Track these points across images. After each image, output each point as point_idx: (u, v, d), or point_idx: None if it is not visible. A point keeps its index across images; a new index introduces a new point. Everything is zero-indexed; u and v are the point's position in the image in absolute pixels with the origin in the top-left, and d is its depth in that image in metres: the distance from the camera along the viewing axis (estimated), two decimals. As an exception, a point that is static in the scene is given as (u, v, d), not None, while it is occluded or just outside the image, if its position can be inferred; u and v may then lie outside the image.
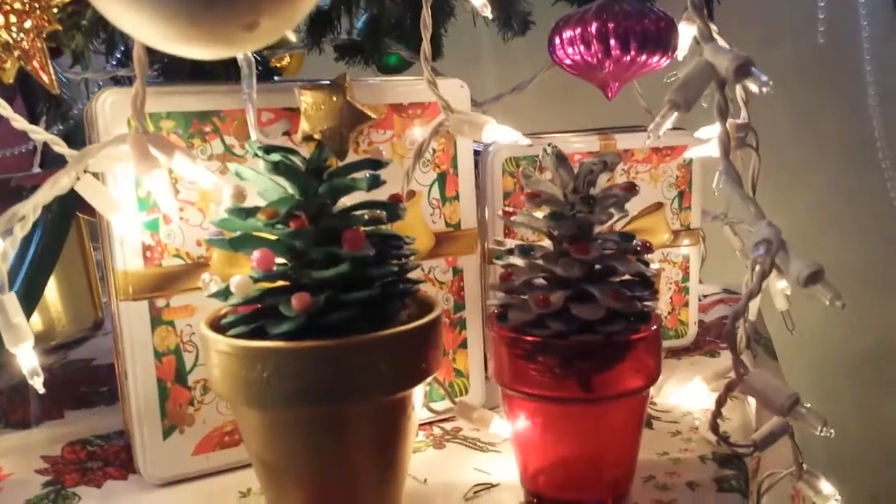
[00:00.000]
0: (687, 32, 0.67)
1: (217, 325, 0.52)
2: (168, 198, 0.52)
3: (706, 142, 0.68)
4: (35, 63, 0.48)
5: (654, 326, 0.54)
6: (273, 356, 0.47)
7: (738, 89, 0.69)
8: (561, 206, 0.53)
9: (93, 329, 0.87)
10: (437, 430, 0.68)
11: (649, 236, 0.81)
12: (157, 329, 0.59)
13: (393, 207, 0.53)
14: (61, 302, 0.82)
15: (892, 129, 1.29)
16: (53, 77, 0.50)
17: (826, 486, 0.66)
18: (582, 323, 0.51)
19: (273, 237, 0.50)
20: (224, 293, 0.50)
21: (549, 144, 0.54)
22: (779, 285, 0.76)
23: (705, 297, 1.02)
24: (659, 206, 0.81)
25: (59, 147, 0.54)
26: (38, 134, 0.53)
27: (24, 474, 0.63)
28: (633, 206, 0.81)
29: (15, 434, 0.70)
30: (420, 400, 0.53)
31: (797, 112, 1.30)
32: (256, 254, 0.48)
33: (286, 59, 0.97)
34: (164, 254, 0.58)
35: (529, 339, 0.52)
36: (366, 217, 0.51)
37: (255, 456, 0.52)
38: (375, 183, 0.50)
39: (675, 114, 0.49)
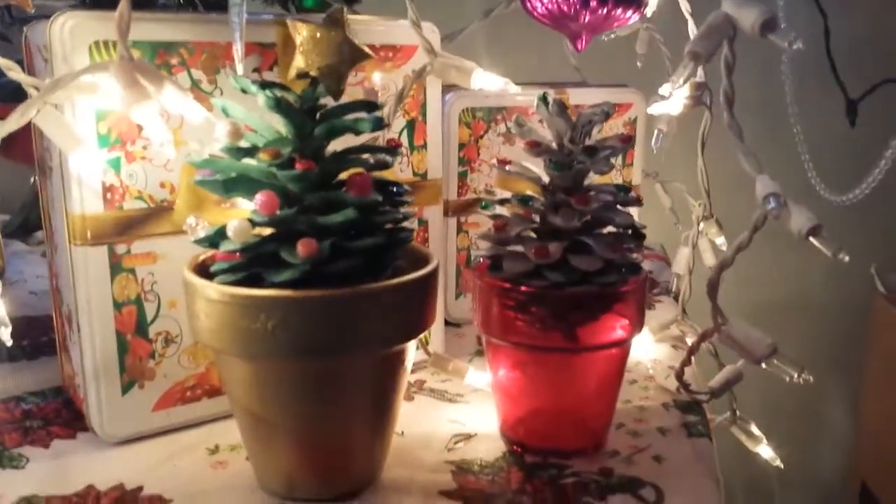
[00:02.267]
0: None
1: (201, 272, 0.48)
2: (161, 130, 0.48)
3: (667, 98, 0.69)
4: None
5: (643, 277, 0.55)
6: (280, 306, 0.44)
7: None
8: (560, 156, 0.52)
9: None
10: (400, 383, 0.67)
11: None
12: (117, 277, 0.54)
13: (390, 152, 0.50)
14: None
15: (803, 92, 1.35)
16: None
17: (756, 430, 0.70)
18: (580, 274, 0.51)
19: (266, 180, 0.47)
20: (214, 238, 0.47)
21: (545, 93, 0.53)
22: (717, 241, 0.80)
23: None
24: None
25: (15, 73, 0.48)
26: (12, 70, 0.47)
27: (-45, 436, 0.57)
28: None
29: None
30: (412, 353, 0.52)
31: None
32: (260, 196, 0.45)
33: None
34: (125, 196, 0.54)
35: (525, 289, 0.52)
36: (371, 161, 0.48)
37: (243, 409, 0.49)
38: (379, 124, 0.48)
39: (693, 64, 0.49)
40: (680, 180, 0.90)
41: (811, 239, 0.47)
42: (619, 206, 0.54)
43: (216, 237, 0.47)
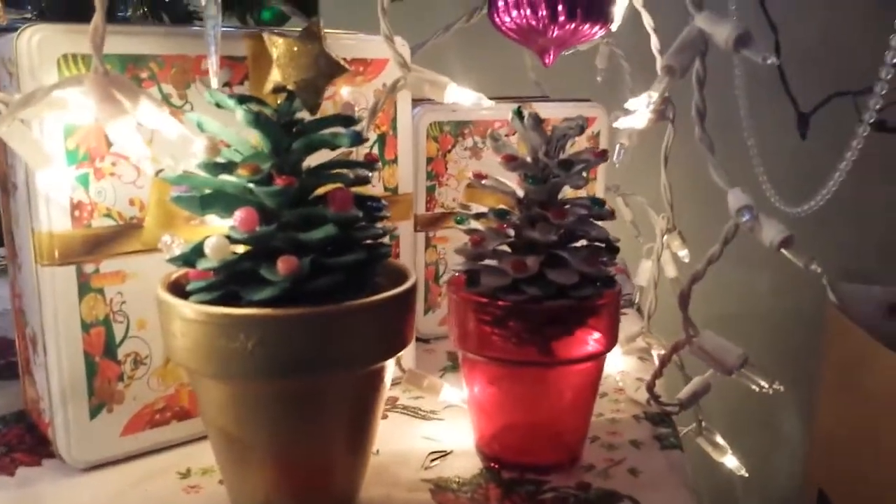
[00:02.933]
0: (620, 4, 0.69)
1: (175, 291, 0.47)
2: (138, 146, 0.47)
3: (632, 113, 0.70)
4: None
5: (617, 290, 0.55)
6: (260, 324, 0.43)
7: (659, 65, 0.71)
8: (536, 170, 0.53)
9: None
10: (373, 400, 0.66)
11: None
12: (86, 297, 0.53)
13: (367, 166, 0.50)
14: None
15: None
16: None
17: (721, 441, 0.71)
18: (556, 288, 0.51)
19: (242, 196, 0.46)
20: (189, 256, 0.46)
21: (519, 107, 0.53)
22: (680, 253, 0.81)
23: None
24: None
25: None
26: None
27: (-87, 465, 0.55)
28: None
29: None
30: (391, 370, 0.52)
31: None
32: (239, 213, 0.44)
33: None
34: (93, 213, 0.52)
35: (503, 303, 0.52)
36: (351, 177, 0.48)
37: (219, 430, 0.48)
38: (357, 139, 0.48)
39: (668, 78, 0.49)
40: (640, 193, 0.91)
41: (783, 251, 0.48)
42: (592, 220, 0.54)
43: (192, 255, 0.46)
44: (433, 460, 0.57)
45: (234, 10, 0.88)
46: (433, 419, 0.63)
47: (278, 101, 0.49)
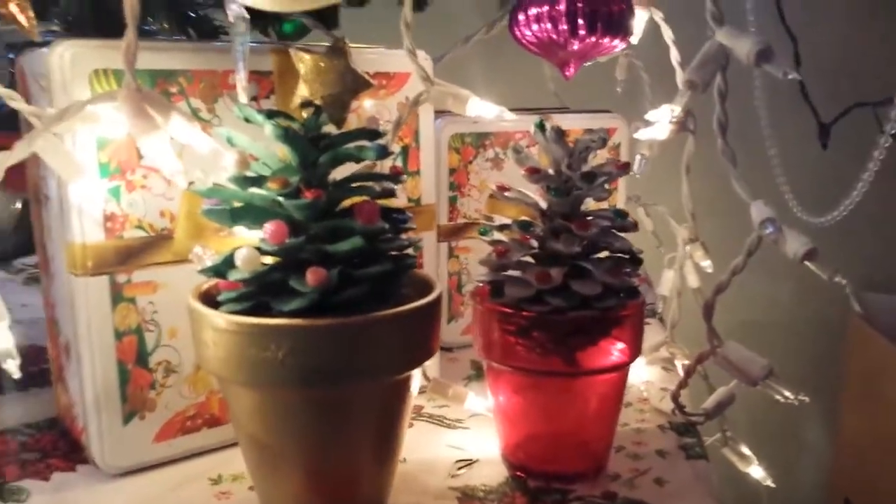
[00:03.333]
0: (639, 17, 0.69)
1: (205, 301, 0.48)
2: (171, 160, 0.48)
3: (653, 124, 0.71)
4: (13, 6, 0.43)
5: (641, 301, 0.56)
6: (290, 334, 0.44)
7: (678, 77, 0.72)
8: (559, 182, 0.53)
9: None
10: (398, 409, 0.67)
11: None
12: (118, 307, 0.54)
13: (392, 179, 0.51)
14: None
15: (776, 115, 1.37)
16: (34, 21, 0.44)
17: (747, 451, 0.71)
18: (580, 299, 0.52)
19: (270, 208, 0.47)
20: (220, 268, 0.47)
21: (542, 120, 0.54)
22: (702, 263, 0.81)
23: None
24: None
25: (16, 102, 0.48)
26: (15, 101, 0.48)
27: (-50, 470, 0.57)
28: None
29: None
30: (418, 379, 0.52)
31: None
32: (269, 226, 0.45)
33: None
34: (125, 224, 0.54)
35: (527, 314, 0.53)
36: (377, 189, 0.49)
37: (249, 437, 0.49)
38: (384, 153, 0.49)
39: (690, 92, 0.50)
40: (661, 203, 0.91)
41: (807, 263, 0.48)
42: (615, 231, 0.55)
43: (223, 266, 0.47)
44: (460, 468, 0.57)
45: (256, 23, 0.90)
46: (459, 428, 0.64)
47: (304, 116, 0.50)
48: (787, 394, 0.56)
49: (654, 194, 0.93)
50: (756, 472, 0.70)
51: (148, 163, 0.54)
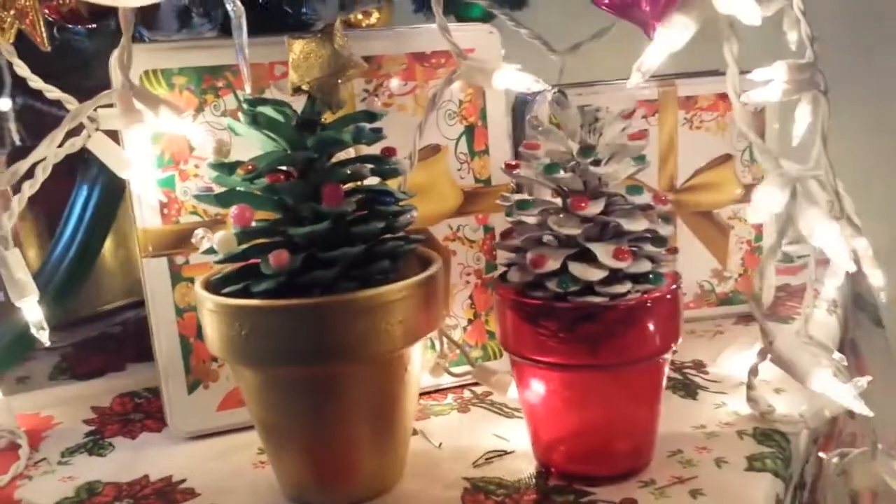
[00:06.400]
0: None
1: (209, 284, 0.51)
2: (147, 153, 0.52)
3: (762, 84, 0.61)
4: (28, 21, 0.49)
5: (671, 287, 0.49)
6: (249, 314, 0.46)
7: (804, 25, 0.61)
8: (562, 157, 0.49)
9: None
10: (467, 394, 0.65)
11: (717, 191, 0.75)
12: (178, 286, 0.60)
13: (382, 161, 0.50)
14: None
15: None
16: (44, 35, 0.51)
17: (906, 469, 0.60)
18: (582, 284, 0.47)
19: (258, 193, 0.49)
20: (211, 249, 0.50)
21: (553, 90, 0.50)
22: (855, 244, 0.69)
23: (799, 258, 0.93)
24: (727, 158, 0.75)
25: (72, 104, 0.55)
26: (53, 92, 0.55)
27: (72, 423, 0.66)
28: (701, 157, 0.75)
29: (74, 385, 0.74)
30: (418, 360, 0.51)
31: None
32: (234, 209, 0.47)
33: (374, 16, 0.95)
34: (181, 210, 0.59)
35: (529, 301, 0.49)
36: (347, 172, 0.49)
37: (251, 413, 0.52)
38: (360, 135, 0.48)
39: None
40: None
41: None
42: (639, 210, 0.49)
43: (212, 249, 0.50)
44: (487, 459, 0.55)
45: (447, 8, 0.92)
46: (516, 417, 0.61)
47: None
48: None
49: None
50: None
51: (199, 153, 0.58)
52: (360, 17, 0.92)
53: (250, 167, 0.47)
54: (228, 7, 0.50)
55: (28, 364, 0.78)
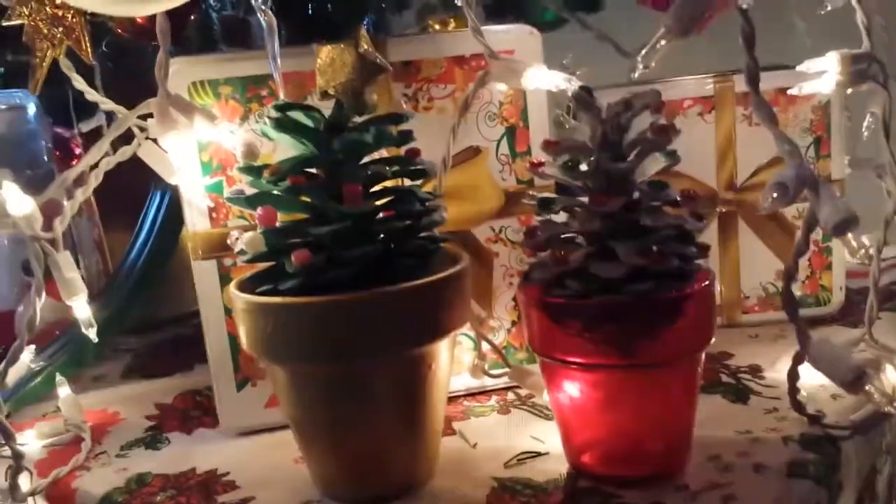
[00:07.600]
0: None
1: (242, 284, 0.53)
2: (182, 162, 0.54)
3: (814, 76, 0.59)
4: (74, 37, 0.52)
5: (701, 285, 0.48)
6: (273, 312, 0.47)
7: (859, 13, 0.59)
8: (582, 154, 0.48)
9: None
10: (510, 396, 0.65)
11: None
12: (226, 287, 0.62)
13: (407, 162, 0.51)
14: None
15: None
16: (89, 51, 0.54)
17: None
18: (603, 282, 0.46)
19: (284, 194, 0.50)
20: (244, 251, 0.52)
21: (577, 86, 0.49)
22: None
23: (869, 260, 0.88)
24: (789, 155, 0.72)
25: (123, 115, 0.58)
26: (107, 104, 0.58)
27: (136, 419, 0.69)
28: (761, 154, 0.73)
29: (143, 383, 0.78)
30: (445, 358, 0.51)
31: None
32: (259, 210, 0.49)
33: (451, 25, 0.96)
34: (228, 215, 0.61)
35: (551, 300, 0.49)
36: (368, 173, 0.50)
37: (283, 409, 0.53)
38: (383, 137, 0.49)
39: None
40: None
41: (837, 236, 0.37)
42: (662, 210, 0.48)
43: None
44: (520, 460, 0.55)
45: (513, 13, 0.93)
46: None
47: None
48: (882, 405, 0.44)
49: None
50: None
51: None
52: (437, 27, 0.94)
53: (276, 170, 0.49)
54: (260, 17, 0.52)
55: (103, 364, 0.83)
